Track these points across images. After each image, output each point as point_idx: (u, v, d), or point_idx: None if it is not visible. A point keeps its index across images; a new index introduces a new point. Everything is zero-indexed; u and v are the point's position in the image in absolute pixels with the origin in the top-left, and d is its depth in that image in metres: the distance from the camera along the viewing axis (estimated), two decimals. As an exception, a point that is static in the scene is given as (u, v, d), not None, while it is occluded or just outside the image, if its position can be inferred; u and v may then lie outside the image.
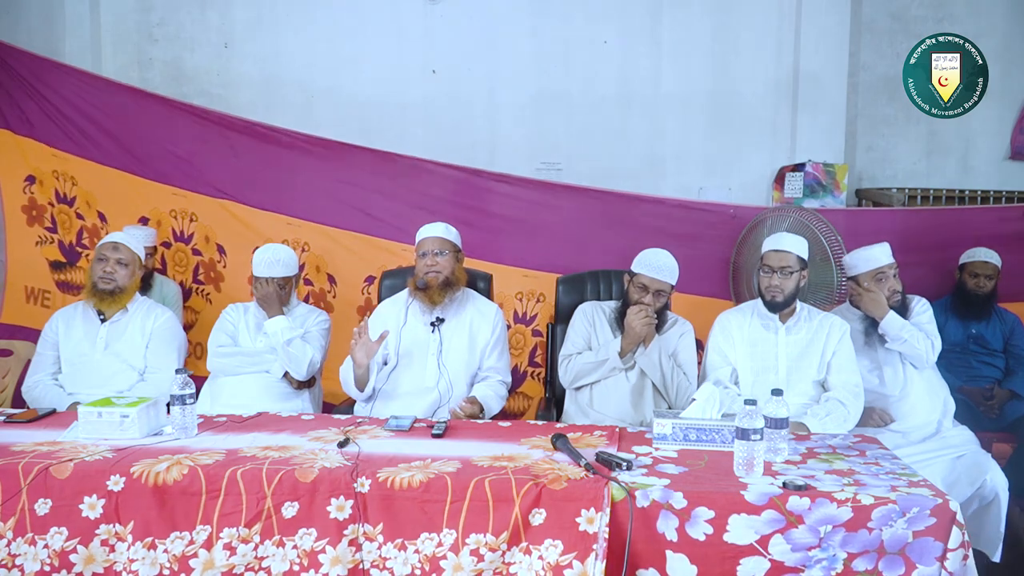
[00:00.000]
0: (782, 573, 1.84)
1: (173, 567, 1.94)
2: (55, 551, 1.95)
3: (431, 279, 2.87)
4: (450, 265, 2.91)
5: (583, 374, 2.93)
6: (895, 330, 2.88)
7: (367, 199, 4.01)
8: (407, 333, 2.92)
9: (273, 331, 2.96)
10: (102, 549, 1.96)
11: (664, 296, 2.90)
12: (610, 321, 3.01)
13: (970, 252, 3.61)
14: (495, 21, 4.85)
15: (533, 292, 3.94)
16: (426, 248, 2.91)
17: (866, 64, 4.91)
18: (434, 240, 2.92)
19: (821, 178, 4.71)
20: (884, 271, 2.97)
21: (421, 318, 2.93)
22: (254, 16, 4.91)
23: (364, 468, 1.99)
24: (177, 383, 2.28)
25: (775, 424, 2.11)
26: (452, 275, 2.91)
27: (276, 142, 4.00)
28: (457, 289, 2.93)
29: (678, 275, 2.93)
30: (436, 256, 2.89)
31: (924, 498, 1.85)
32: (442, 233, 2.94)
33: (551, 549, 1.87)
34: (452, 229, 2.99)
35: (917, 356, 2.89)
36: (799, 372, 2.82)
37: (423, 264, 2.90)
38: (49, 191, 4.05)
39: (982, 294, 3.53)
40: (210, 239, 4.06)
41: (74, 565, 1.94)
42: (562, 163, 4.87)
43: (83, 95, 3.95)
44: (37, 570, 1.94)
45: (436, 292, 2.87)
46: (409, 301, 2.95)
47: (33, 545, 1.95)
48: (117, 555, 1.96)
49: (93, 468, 2.00)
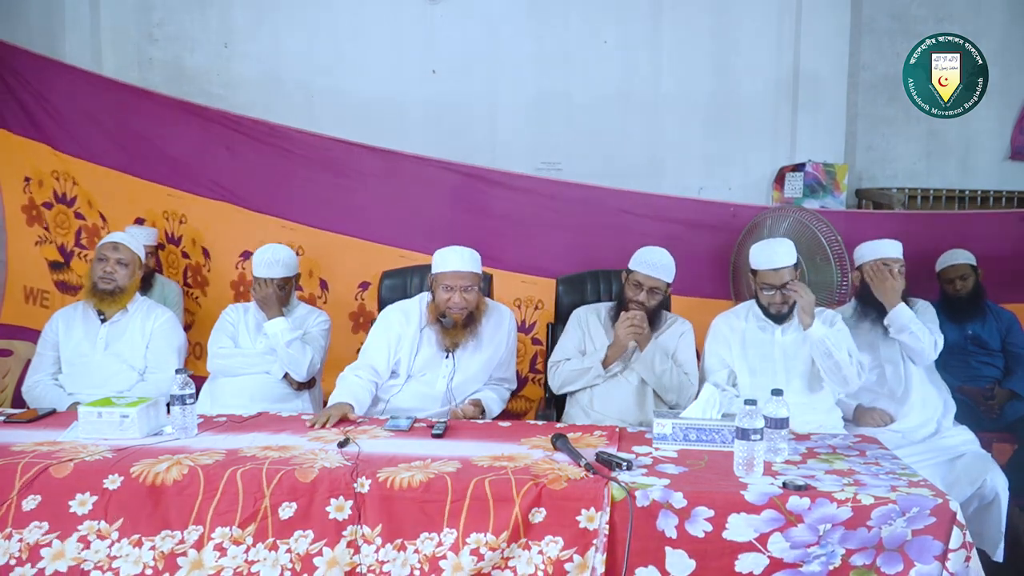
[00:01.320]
0: (780, 568, 1.85)
1: (158, 566, 1.92)
2: (28, 544, 1.92)
3: (457, 317, 2.73)
4: (476, 299, 2.77)
5: (569, 381, 2.93)
6: (904, 319, 2.86)
7: (364, 203, 3.96)
8: (420, 356, 2.84)
9: (273, 332, 2.95)
10: (76, 545, 1.93)
11: (658, 294, 2.87)
12: (604, 322, 3.00)
13: (940, 259, 3.57)
14: (495, 21, 4.85)
15: (532, 299, 3.91)
16: (451, 282, 2.73)
17: (866, 64, 4.91)
18: (462, 275, 2.73)
19: (821, 178, 4.71)
20: (889, 263, 2.97)
21: (435, 344, 2.83)
22: (254, 16, 4.91)
23: (364, 468, 1.99)
24: (177, 383, 2.28)
25: (775, 424, 2.11)
26: (476, 308, 2.78)
27: (274, 142, 3.95)
28: (479, 322, 2.80)
29: (675, 274, 2.92)
30: (464, 293, 2.73)
31: (924, 498, 1.85)
32: (470, 267, 2.75)
33: (551, 545, 1.88)
34: (476, 255, 2.81)
35: (920, 350, 2.88)
36: (797, 372, 2.81)
37: (447, 300, 2.73)
38: (47, 192, 4.03)
39: (964, 296, 3.51)
40: (196, 242, 4.02)
41: (41, 559, 1.92)
42: (562, 163, 4.87)
43: (80, 94, 3.93)
44: (3, 563, 1.91)
45: (459, 331, 2.76)
46: (423, 324, 2.83)
47: (8, 540, 1.93)
48: (90, 553, 1.93)
49: (93, 468, 2.00)
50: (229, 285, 4.00)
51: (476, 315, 2.78)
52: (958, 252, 3.55)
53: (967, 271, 3.52)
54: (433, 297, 2.81)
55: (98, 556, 1.94)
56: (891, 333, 2.91)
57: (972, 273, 3.52)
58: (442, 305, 2.75)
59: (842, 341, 2.72)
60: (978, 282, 3.53)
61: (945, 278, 3.55)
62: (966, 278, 3.52)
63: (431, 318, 2.79)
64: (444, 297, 2.74)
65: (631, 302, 2.87)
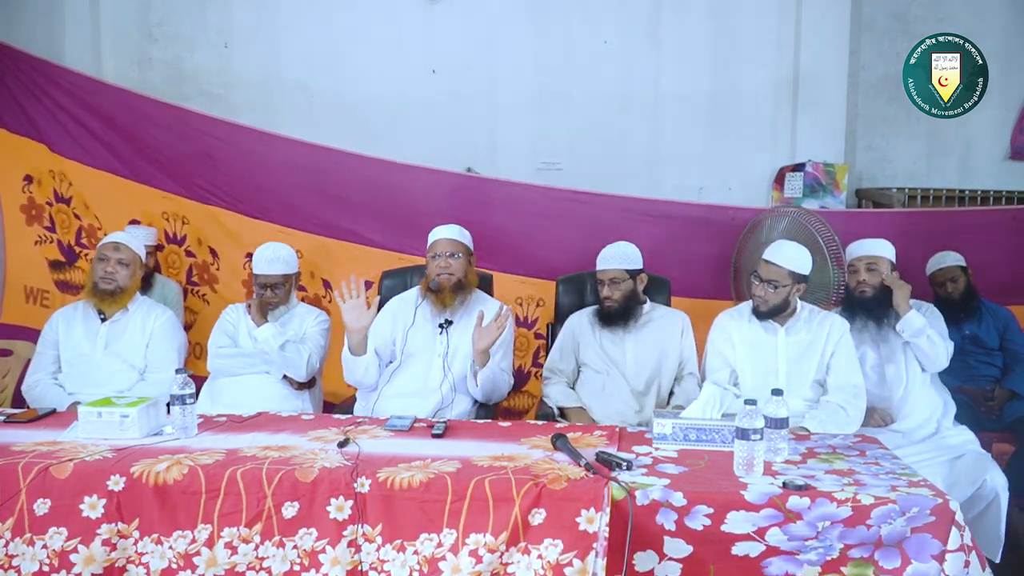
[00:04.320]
0: (777, 554, 1.85)
1: (179, 563, 1.95)
2: (54, 551, 1.95)
3: (444, 281, 2.87)
4: (462, 267, 2.91)
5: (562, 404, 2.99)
6: (920, 323, 2.87)
7: (361, 210, 3.95)
8: (414, 333, 2.91)
9: (263, 338, 2.95)
10: (103, 549, 1.96)
11: (619, 283, 2.96)
12: (590, 324, 3.05)
13: (930, 263, 3.57)
14: (495, 21, 4.85)
15: (532, 297, 3.92)
16: (438, 250, 2.91)
17: (866, 64, 4.91)
18: (447, 242, 2.92)
19: (821, 178, 4.71)
20: (875, 262, 2.97)
21: (430, 319, 2.93)
22: (254, 16, 4.90)
23: (364, 468, 1.99)
24: (177, 383, 2.28)
25: (775, 424, 2.11)
26: (464, 277, 2.91)
27: (266, 147, 3.94)
28: (469, 291, 2.94)
29: (638, 260, 3.01)
30: (449, 258, 2.89)
31: (924, 498, 1.85)
32: (455, 235, 2.95)
33: (551, 548, 1.87)
34: (465, 231, 3.00)
35: (935, 356, 2.89)
36: (799, 373, 2.81)
37: (435, 265, 2.90)
38: (47, 190, 4.03)
39: (957, 297, 3.51)
40: (203, 242, 4.04)
41: (74, 565, 1.94)
42: (562, 163, 4.87)
43: (75, 96, 3.92)
44: (35, 570, 1.94)
45: (448, 295, 2.87)
46: (419, 301, 2.94)
47: (31, 545, 1.95)
48: (120, 552, 1.96)
49: (93, 468, 2.00)
50: (240, 283, 4.01)
51: (465, 284, 2.91)
52: (947, 255, 3.55)
53: (957, 273, 3.52)
54: (427, 271, 2.94)
55: (128, 553, 1.96)
56: (906, 337, 2.91)
57: (962, 274, 3.52)
58: (431, 274, 2.90)
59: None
60: (969, 282, 3.53)
61: (936, 281, 3.55)
62: (956, 280, 3.51)
63: (423, 291, 2.91)
64: (432, 266, 2.91)
65: (603, 300, 2.99)
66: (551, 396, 3.01)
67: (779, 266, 2.78)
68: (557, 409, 2.97)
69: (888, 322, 2.94)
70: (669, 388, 3.00)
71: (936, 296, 3.53)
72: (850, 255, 3.09)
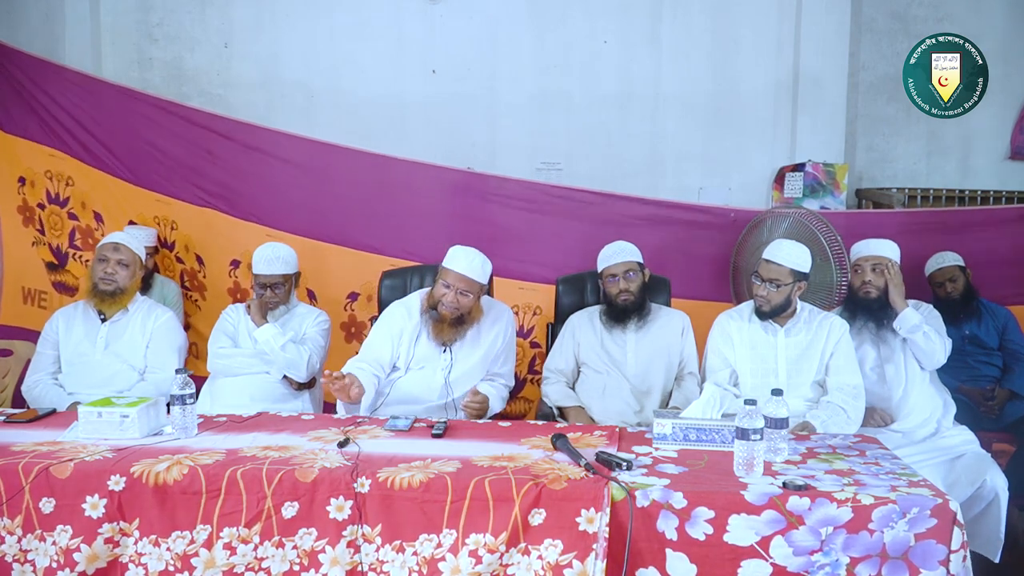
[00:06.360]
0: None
1: (176, 564, 1.95)
2: (61, 548, 1.96)
3: (446, 314, 2.77)
4: (470, 304, 2.80)
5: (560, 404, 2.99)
6: (916, 319, 2.87)
7: (357, 211, 3.90)
8: (419, 348, 2.85)
9: (264, 339, 2.95)
10: (105, 547, 1.96)
11: (633, 276, 2.98)
12: (596, 324, 3.05)
13: (928, 263, 3.57)
14: (495, 21, 4.86)
15: (530, 305, 3.90)
16: (451, 281, 2.76)
17: (866, 64, 4.92)
18: (464, 280, 2.76)
19: (821, 178, 4.71)
20: (882, 262, 2.97)
21: (433, 337, 2.85)
22: (254, 16, 4.91)
23: (364, 468, 1.99)
24: (177, 383, 2.28)
25: (775, 424, 2.11)
26: (469, 313, 2.81)
27: (259, 145, 3.88)
28: (469, 326, 2.83)
29: (640, 257, 3.04)
30: (460, 295, 2.76)
31: (924, 498, 1.84)
32: (476, 276, 2.78)
33: (551, 549, 1.87)
34: (487, 266, 2.84)
35: (932, 351, 2.88)
36: (799, 374, 2.81)
37: (445, 296, 2.76)
38: (40, 192, 4.00)
39: (956, 297, 3.51)
40: (189, 248, 3.99)
41: (77, 564, 1.95)
42: (562, 163, 4.87)
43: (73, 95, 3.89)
44: (47, 566, 1.95)
45: (446, 328, 2.78)
46: (423, 315, 2.86)
47: (43, 541, 1.97)
48: (122, 549, 1.97)
49: (93, 468, 2.00)
50: (226, 292, 3.97)
51: (466, 319, 2.81)
52: (945, 255, 3.55)
53: (956, 273, 3.52)
54: (434, 287, 2.85)
55: (129, 551, 1.97)
56: (903, 333, 2.91)
57: (961, 274, 3.52)
58: (437, 297, 2.80)
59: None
60: (968, 282, 3.53)
61: (935, 282, 3.55)
62: (955, 280, 3.51)
63: (426, 306, 2.84)
64: (441, 292, 2.79)
65: (621, 293, 2.97)
66: (550, 396, 3.01)
67: (780, 264, 2.78)
68: (556, 409, 2.97)
69: (888, 322, 2.94)
70: (669, 388, 3.00)
71: (935, 296, 3.53)
72: (855, 255, 3.07)
